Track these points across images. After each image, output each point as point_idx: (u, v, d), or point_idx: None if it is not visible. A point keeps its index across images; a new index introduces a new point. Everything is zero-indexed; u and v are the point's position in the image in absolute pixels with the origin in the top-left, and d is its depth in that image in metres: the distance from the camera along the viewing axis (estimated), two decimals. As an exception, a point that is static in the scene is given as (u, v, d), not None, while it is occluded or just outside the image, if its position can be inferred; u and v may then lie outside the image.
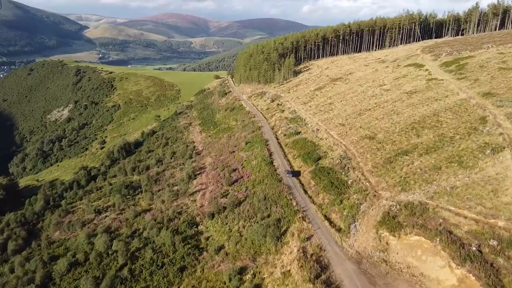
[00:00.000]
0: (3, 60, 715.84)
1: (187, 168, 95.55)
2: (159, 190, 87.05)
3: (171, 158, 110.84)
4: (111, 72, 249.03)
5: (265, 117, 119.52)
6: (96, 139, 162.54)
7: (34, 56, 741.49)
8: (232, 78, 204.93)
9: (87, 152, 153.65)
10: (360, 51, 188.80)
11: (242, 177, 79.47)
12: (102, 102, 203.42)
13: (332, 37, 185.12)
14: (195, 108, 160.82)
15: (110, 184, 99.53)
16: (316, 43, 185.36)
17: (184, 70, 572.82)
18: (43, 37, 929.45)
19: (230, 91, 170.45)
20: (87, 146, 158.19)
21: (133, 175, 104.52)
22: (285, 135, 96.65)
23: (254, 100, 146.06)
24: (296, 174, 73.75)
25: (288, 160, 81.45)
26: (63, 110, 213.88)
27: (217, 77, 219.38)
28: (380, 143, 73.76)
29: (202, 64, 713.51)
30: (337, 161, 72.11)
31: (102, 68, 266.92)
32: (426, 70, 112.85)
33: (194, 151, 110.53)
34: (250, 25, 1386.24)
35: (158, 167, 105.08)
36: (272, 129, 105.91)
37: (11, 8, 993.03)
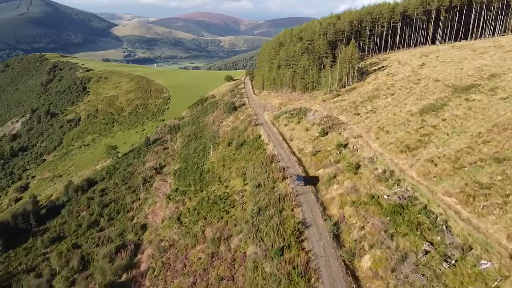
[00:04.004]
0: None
1: None
2: None
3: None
4: (88, 70, 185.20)
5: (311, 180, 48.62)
6: (21, 179, 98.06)
7: (57, 53, 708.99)
8: (251, 81, 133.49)
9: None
10: (463, 37, 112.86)
11: None
12: (62, 113, 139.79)
13: (418, 15, 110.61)
14: (182, 133, 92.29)
15: None
16: (391, 25, 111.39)
17: (209, 69, 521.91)
18: (69, 34, 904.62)
19: (244, 104, 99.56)
20: (1, 193, 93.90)
21: None
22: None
23: (285, 124, 75.22)
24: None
25: None
26: (17, 121, 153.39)
27: (229, 78, 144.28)
28: None
29: (228, 63, 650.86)
30: None
31: (83, 64, 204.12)
32: None
33: (129, 273, 42.40)
34: (281, 24, 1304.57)
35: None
36: (337, 237, 35.18)
37: (41, 5, 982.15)
